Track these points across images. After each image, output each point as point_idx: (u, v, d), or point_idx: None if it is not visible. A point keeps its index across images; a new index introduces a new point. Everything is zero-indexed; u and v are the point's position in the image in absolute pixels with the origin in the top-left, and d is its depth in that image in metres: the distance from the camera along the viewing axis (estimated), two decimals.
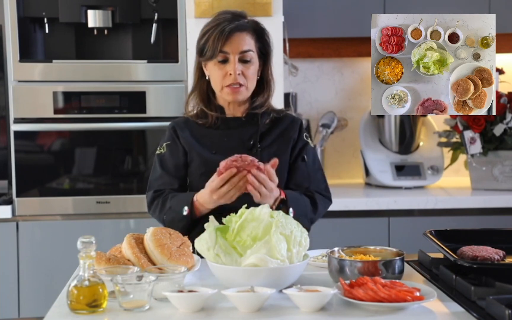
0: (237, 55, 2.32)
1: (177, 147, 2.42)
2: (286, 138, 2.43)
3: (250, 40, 2.35)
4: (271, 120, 2.44)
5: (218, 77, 2.35)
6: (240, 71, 2.33)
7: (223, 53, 2.32)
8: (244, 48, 2.33)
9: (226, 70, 2.33)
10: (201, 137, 2.41)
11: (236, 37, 2.32)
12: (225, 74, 2.34)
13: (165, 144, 2.45)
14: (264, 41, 2.40)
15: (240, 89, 2.35)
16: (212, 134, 2.41)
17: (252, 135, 2.40)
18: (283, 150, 2.41)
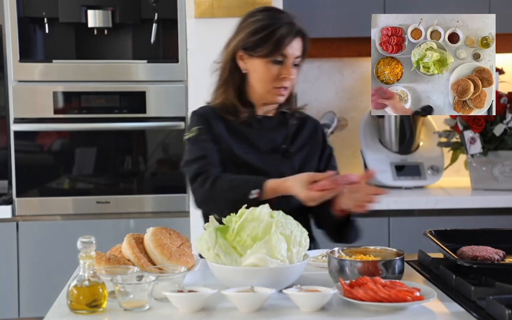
0: (292, 60, 2.28)
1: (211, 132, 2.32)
2: (314, 142, 2.41)
3: (301, 45, 2.30)
4: (298, 121, 2.41)
5: (268, 76, 2.28)
6: (293, 75, 2.30)
7: (283, 55, 2.26)
8: (299, 53, 2.29)
9: (280, 72, 2.27)
10: (234, 134, 2.33)
11: (298, 41, 2.28)
12: (278, 75, 2.27)
13: (196, 128, 2.33)
14: (306, 46, 2.33)
15: (286, 92, 2.32)
16: (244, 132, 2.34)
17: (284, 139, 2.36)
18: (312, 154, 2.39)
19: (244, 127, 2.34)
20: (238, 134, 2.34)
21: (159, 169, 3.48)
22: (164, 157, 3.49)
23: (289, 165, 2.34)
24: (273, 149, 2.35)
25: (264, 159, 2.33)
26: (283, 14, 2.31)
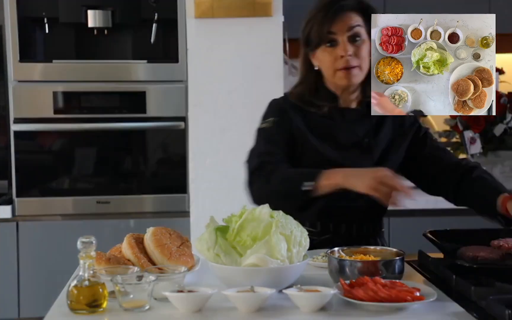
0: (345, 35, 2.18)
1: (286, 125, 2.23)
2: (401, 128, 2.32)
3: (357, 17, 2.19)
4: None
5: (328, 62, 2.20)
6: (352, 51, 2.18)
7: (331, 34, 2.18)
8: (352, 23, 2.18)
9: (336, 53, 2.18)
10: (314, 126, 2.24)
11: (341, 16, 2.18)
12: (336, 57, 2.19)
13: (272, 119, 2.25)
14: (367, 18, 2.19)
15: (353, 71, 2.19)
16: (324, 124, 2.25)
17: (367, 132, 2.27)
18: (398, 142, 2.31)
19: (326, 119, 2.27)
20: (318, 127, 2.26)
21: (159, 169, 3.48)
22: (164, 157, 3.49)
23: (369, 158, 2.26)
24: (354, 143, 2.27)
25: (343, 153, 2.25)
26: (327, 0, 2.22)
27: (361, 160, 2.25)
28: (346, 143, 2.27)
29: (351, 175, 2.06)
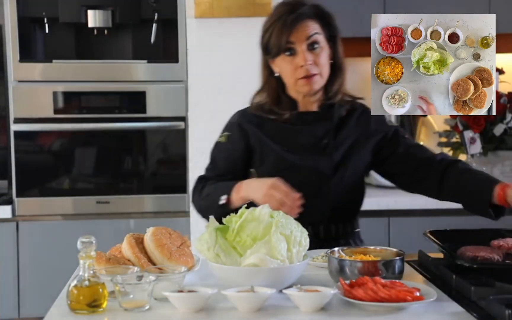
0: (304, 44, 2.21)
1: (239, 142, 2.31)
2: (362, 130, 2.33)
3: (314, 25, 2.22)
4: (346, 113, 2.34)
5: (289, 71, 2.23)
6: (311, 60, 2.21)
7: (289, 44, 2.20)
8: (309, 32, 2.20)
9: (296, 62, 2.22)
10: (273, 134, 2.30)
11: (299, 25, 2.20)
12: (296, 66, 2.22)
13: (226, 134, 2.34)
14: (330, 25, 2.27)
15: (314, 79, 2.22)
16: (285, 130, 2.30)
17: (325, 133, 2.30)
18: (358, 146, 2.32)
19: (286, 125, 2.30)
20: (278, 132, 2.30)
21: (159, 169, 3.48)
22: (164, 157, 3.49)
23: (329, 159, 2.29)
24: (313, 145, 2.29)
25: (302, 155, 2.28)
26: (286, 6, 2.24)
27: (320, 161, 2.29)
28: (305, 145, 2.30)
29: (252, 186, 2.13)
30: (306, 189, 2.16)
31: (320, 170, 2.27)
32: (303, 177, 2.26)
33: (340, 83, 2.32)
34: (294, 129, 2.30)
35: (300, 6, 2.23)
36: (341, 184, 2.29)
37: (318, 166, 2.28)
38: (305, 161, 2.28)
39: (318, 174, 2.27)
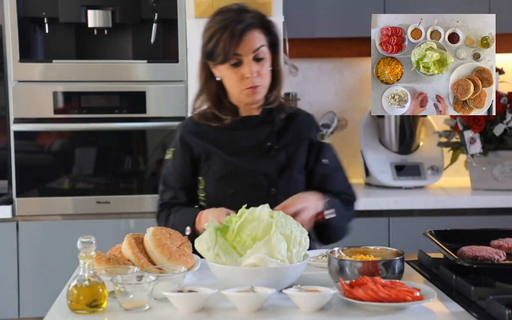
0: (251, 56, 2.24)
1: (182, 156, 2.36)
2: (302, 137, 2.37)
3: (260, 36, 2.26)
4: (286, 117, 2.38)
5: (234, 81, 2.27)
6: (256, 71, 2.25)
7: (236, 55, 2.23)
8: (256, 45, 2.24)
9: (241, 73, 2.25)
10: (217, 141, 2.34)
11: (247, 37, 2.23)
12: (241, 77, 2.25)
13: (172, 150, 2.40)
14: (273, 33, 2.31)
15: (258, 89, 2.27)
16: (228, 136, 2.34)
17: (268, 136, 2.34)
18: (300, 149, 2.36)
19: (228, 131, 2.34)
20: (221, 138, 2.34)
21: (159, 169, 3.45)
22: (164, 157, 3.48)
23: (273, 162, 2.32)
24: (257, 148, 2.33)
25: (247, 159, 2.32)
26: (231, 13, 2.26)
27: (265, 163, 2.32)
28: (249, 149, 2.33)
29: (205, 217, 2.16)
30: (254, 192, 2.25)
31: (266, 172, 2.31)
32: (250, 180, 2.30)
33: (278, 90, 2.36)
34: (237, 134, 2.34)
35: (246, 14, 2.26)
36: (288, 185, 2.32)
37: (263, 169, 2.31)
38: (251, 164, 2.31)
39: (264, 176, 2.31)
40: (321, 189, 2.36)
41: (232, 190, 2.30)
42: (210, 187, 2.34)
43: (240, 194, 2.28)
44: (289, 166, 2.34)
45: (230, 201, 2.26)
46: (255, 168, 2.31)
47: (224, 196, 2.30)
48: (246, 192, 2.27)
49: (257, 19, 2.28)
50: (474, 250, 1.92)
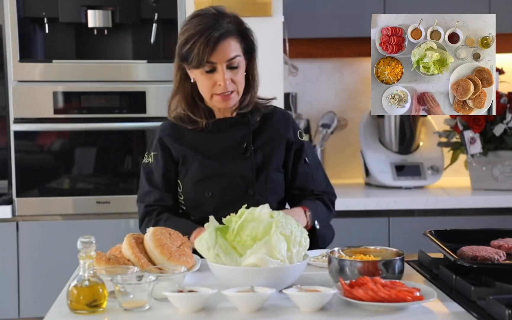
0: (224, 64, 2.22)
1: (164, 159, 2.35)
2: (280, 136, 2.37)
3: (235, 45, 2.25)
4: (262, 117, 2.38)
5: (206, 86, 2.26)
6: (229, 78, 2.24)
7: (210, 63, 2.22)
8: (231, 55, 2.23)
9: (214, 79, 2.24)
10: (193, 144, 2.33)
11: (222, 45, 2.21)
12: (214, 83, 2.24)
13: (152, 153, 2.38)
14: (249, 40, 2.29)
15: (232, 96, 2.27)
16: (204, 138, 2.34)
17: (244, 137, 2.34)
18: (276, 149, 2.37)
19: (204, 133, 2.34)
20: (198, 141, 2.34)
21: None
22: None
23: (250, 163, 2.32)
24: (233, 149, 2.33)
25: (223, 161, 2.32)
26: (208, 18, 2.23)
27: (242, 165, 2.33)
28: (225, 151, 2.33)
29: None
30: (232, 194, 2.26)
31: (243, 174, 2.31)
32: (227, 182, 2.31)
33: (252, 95, 2.35)
34: (212, 136, 2.34)
35: (221, 21, 2.23)
36: (265, 186, 2.33)
37: (240, 170, 2.31)
38: (227, 166, 2.32)
39: (241, 177, 2.31)
40: (303, 189, 2.38)
41: (210, 193, 2.31)
42: (188, 191, 2.34)
43: (218, 196, 2.29)
44: (265, 166, 2.34)
45: (208, 204, 2.29)
46: (231, 170, 2.31)
47: (202, 199, 2.31)
48: (224, 194, 2.29)
49: (234, 26, 2.26)
50: (474, 250, 1.92)
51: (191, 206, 2.34)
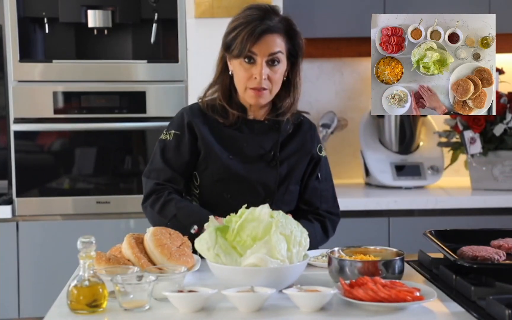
0: (265, 58, 2.20)
1: (184, 142, 2.29)
2: (306, 149, 2.35)
3: (280, 42, 2.22)
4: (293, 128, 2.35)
5: (243, 77, 2.22)
6: (266, 75, 2.20)
7: (251, 53, 2.19)
8: (273, 50, 2.20)
9: (252, 72, 2.21)
10: (221, 137, 2.29)
11: (266, 38, 2.19)
12: (251, 76, 2.21)
13: (173, 132, 2.31)
14: (296, 43, 2.27)
15: (264, 93, 2.23)
16: (232, 136, 2.30)
17: (273, 145, 2.30)
18: (301, 162, 2.34)
19: (233, 130, 2.31)
20: (225, 137, 2.30)
21: None
22: None
23: (274, 174, 2.30)
24: (260, 156, 2.30)
25: (248, 166, 2.29)
26: (258, 11, 2.22)
27: (266, 174, 2.30)
28: (252, 155, 2.30)
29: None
30: (250, 199, 2.17)
31: (265, 183, 2.29)
32: (248, 188, 2.28)
33: (291, 102, 2.32)
34: (242, 137, 2.30)
35: (271, 16, 2.22)
36: (283, 197, 2.32)
37: (263, 178, 2.29)
38: (251, 173, 2.29)
39: (263, 186, 2.29)
40: (309, 204, 2.37)
41: (228, 195, 2.28)
42: (205, 187, 2.30)
43: (236, 199, 2.24)
44: (288, 178, 2.32)
45: (224, 205, 2.25)
46: (254, 176, 2.29)
47: (219, 199, 2.28)
48: (243, 199, 2.20)
49: (283, 25, 2.24)
50: (474, 250, 1.92)
51: (207, 203, 2.29)
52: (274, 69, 2.23)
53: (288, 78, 2.31)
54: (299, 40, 2.30)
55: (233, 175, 2.28)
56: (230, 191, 2.28)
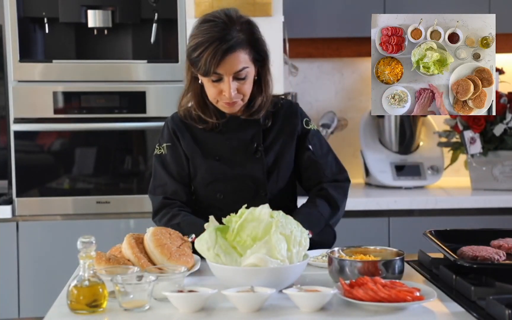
0: (231, 75, 2.18)
1: (178, 151, 2.32)
2: (290, 130, 2.34)
3: (244, 56, 2.19)
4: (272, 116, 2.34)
5: (213, 93, 2.23)
6: (235, 89, 2.20)
7: (217, 74, 2.18)
8: (237, 68, 2.18)
9: (220, 88, 2.20)
10: (203, 143, 2.31)
11: (229, 59, 2.16)
12: (220, 91, 2.21)
13: (165, 145, 2.34)
14: (260, 50, 2.25)
15: (236, 103, 2.24)
16: (213, 139, 2.31)
17: (254, 136, 2.31)
18: (288, 145, 2.34)
19: (214, 133, 2.31)
20: (208, 141, 2.31)
21: None
22: None
23: (260, 164, 2.30)
24: (243, 151, 2.31)
25: (234, 163, 2.30)
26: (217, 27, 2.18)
27: (252, 166, 2.31)
28: (236, 152, 2.31)
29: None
30: (243, 195, 2.21)
31: (254, 175, 2.30)
32: (238, 185, 2.29)
33: (264, 99, 2.31)
34: (222, 137, 2.31)
35: (231, 31, 2.17)
36: (276, 186, 2.32)
37: (251, 172, 2.30)
38: (238, 168, 2.30)
39: (252, 179, 2.29)
40: (312, 180, 2.36)
41: (221, 195, 2.30)
42: (199, 192, 2.33)
43: (229, 198, 2.28)
44: (277, 165, 2.32)
45: (219, 205, 2.28)
46: (242, 172, 2.30)
47: (213, 201, 2.30)
48: (235, 196, 2.26)
49: (245, 35, 2.20)
50: (474, 250, 1.92)
51: (203, 206, 2.31)
52: (242, 81, 2.22)
53: (258, 77, 2.30)
54: (262, 47, 2.26)
55: (222, 176, 2.29)
56: (222, 192, 2.30)
